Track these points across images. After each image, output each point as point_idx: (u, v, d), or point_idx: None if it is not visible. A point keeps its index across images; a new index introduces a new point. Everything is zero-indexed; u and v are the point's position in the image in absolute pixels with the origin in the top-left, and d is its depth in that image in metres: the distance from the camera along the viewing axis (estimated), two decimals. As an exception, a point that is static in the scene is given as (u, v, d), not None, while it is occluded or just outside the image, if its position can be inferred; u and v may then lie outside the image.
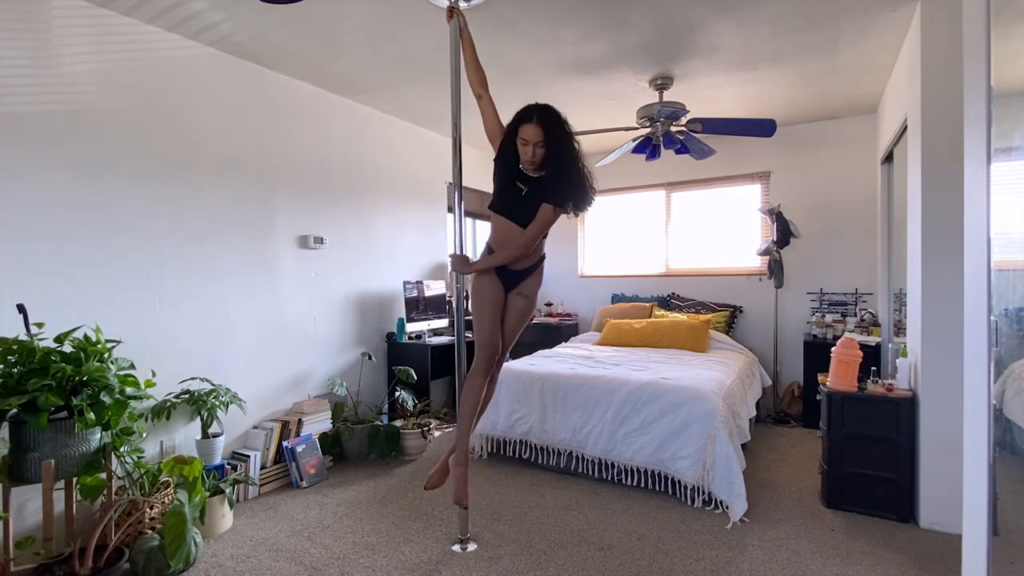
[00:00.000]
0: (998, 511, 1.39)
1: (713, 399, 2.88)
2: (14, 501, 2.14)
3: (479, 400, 2.26)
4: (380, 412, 3.88)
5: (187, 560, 2.19)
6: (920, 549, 2.37)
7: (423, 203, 4.66)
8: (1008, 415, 1.51)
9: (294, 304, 3.50)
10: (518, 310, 2.27)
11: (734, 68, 3.36)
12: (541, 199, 2.08)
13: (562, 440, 3.23)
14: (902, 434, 2.62)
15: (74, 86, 2.45)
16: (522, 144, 2.04)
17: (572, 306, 5.81)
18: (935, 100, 2.53)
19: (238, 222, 3.15)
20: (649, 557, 2.32)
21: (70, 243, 2.43)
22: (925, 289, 2.56)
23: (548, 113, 2.06)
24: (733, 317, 4.81)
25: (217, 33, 2.82)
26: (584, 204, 2.13)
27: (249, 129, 3.21)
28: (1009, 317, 1.48)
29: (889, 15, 2.71)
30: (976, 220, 1.34)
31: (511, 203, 2.14)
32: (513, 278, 2.24)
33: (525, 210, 2.12)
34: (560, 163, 2.06)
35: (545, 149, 2.04)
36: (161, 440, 2.78)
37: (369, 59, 3.18)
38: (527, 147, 2.03)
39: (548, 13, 2.66)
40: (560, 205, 2.09)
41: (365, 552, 2.38)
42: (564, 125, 2.08)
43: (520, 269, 2.23)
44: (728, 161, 4.83)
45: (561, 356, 4.00)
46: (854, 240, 4.42)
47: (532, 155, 2.04)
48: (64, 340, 2.10)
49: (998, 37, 1.34)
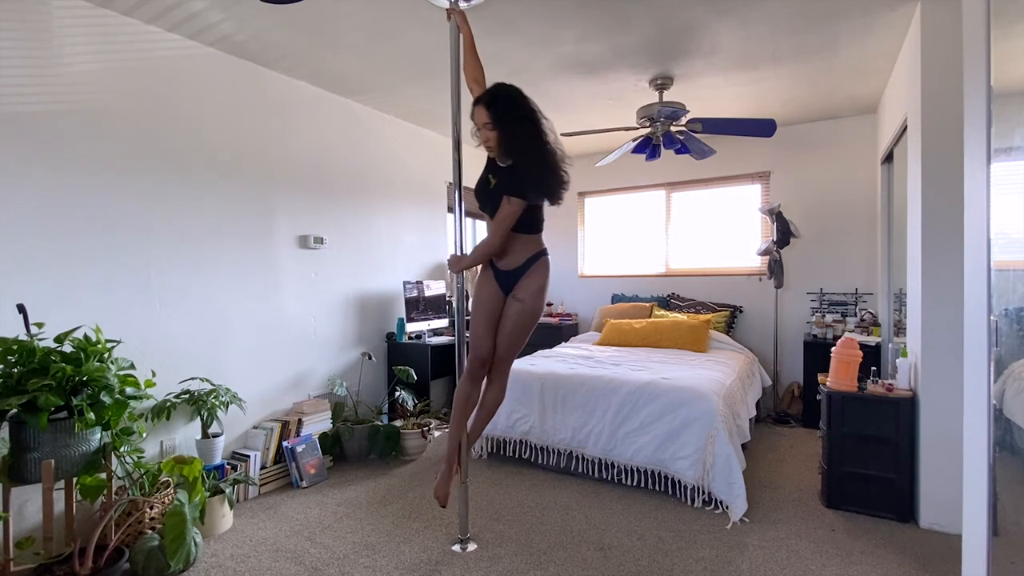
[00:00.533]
0: (998, 511, 1.39)
1: (713, 399, 2.88)
2: (14, 501, 2.14)
3: (467, 405, 2.22)
4: (380, 412, 3.88)
5: (187, 560, 2.19)
6: (920, 549, 2.37)
7: (423, 203, 4.66)
8: (1008, 415, 1.51)
9: (294, 304, 3.50)
10: (512, 315, 2.14)
11: (734, 68, 3.36)
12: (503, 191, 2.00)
13: (562, 440, 3.23)
14: (902, 434, 2.62)
15: (74, 86, 2.45)
16: (478, 129, 2.00)
17: (572, 306, 5.81)
18: (935, 100, 2.53)
19: (238, 222, 3.15)
20: (649, 557, 2.32)
21: (70, 243, 2.43)
22: (925, 289, 2.57)
23: (497, 93, 1.96)
24: (733, 317, 4.81)
25: (217, 33, 2.82)
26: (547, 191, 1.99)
27: (249, 129, 3.21)
28: (1009, 317, 1.48)
29: (889, 15, 2.71)
30: (976, 220, 1.34)
31: (483, 197, 2.11)
32: (508, 280, 2.15)
33: (492, 203, 2.06)
34: (516, 148, 1.95)
35: (496, 132, 1.96)
36: (161, 440, 2.78)
37: (369, 59, 3.18)
38: (481, 133, 1.99)
39: (548, 13, 2.66)
40: (519, 195, 1.95)
41: (365, 552, 2.38)
42: (516, 105, 1.96)
43: (510, 269, 2.14)
44: (728, 161, 4.83)
45: (561, 356, 4.00)
46: (854, 240, 4.43)
47: (485, 139, 1.99)
48: (64, 340, 2.10)
49: (998, 37, 1.34)
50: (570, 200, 5.66)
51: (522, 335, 2.18)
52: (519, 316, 2.13)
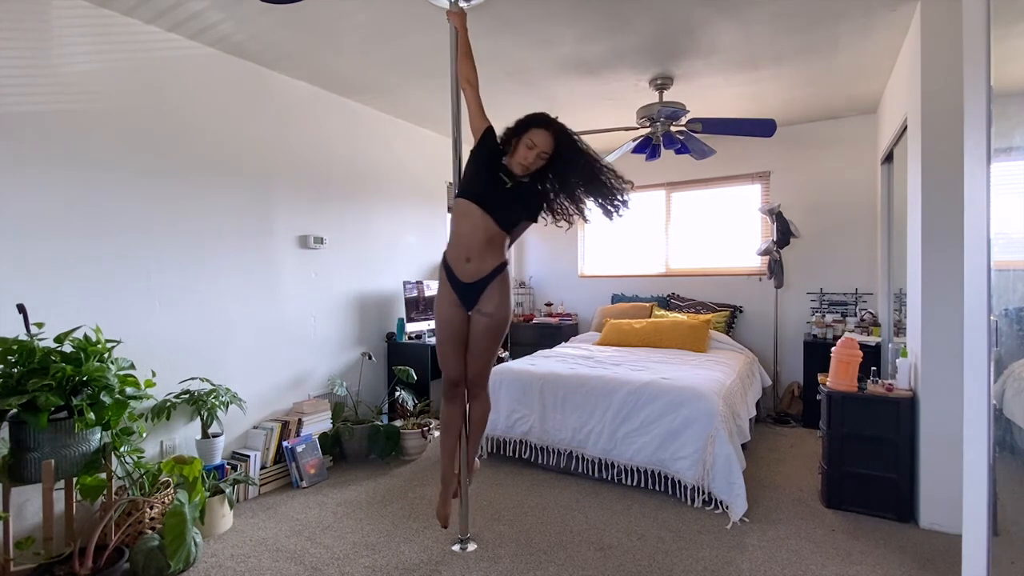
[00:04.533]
0: (998, 511, 1.39)
1: (713, 399, 2.88)
2: (14, 501, 2.14)
3: (451, 426, 2.19)
4: (380, 412, 3.88)
5: (187, 560, 2.19)
6: (920, 549, 2.37)
7: (423, 203, 4.66)
8: (1008, 415, 1.51)
9: (294, 304, 3.50)
10: (479, 332, 2.05)
11: (734, 68, 3.36)
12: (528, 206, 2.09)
13: (562, 440, 3.23)
14: (902, 434, 2.62)
15: (74, 86, 2.45)
16: (527, 147, 1.99)
17: (572, 306, 5.81)
18: (935, 100, 2.53)
19: (238, 222, 3.15)
20: (649, 557, 2.32)
21: (70, 243, 2.43)
22: (925, 289, 2.56)
23: (565, 131, 2.03)
24: (733, 317, 4.81)
25: (217, 33, 2.82)
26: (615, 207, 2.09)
27: (249, 129, 3.21)
28: (1009, 317, 1.48)
29: (889, 15, 2.71)
30: (976, 220, 1.34)
31: (487, 193, 2.03)
32: (469, 293, 2.04)
33: (504, 205, 2.02)
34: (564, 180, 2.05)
35: (545, 162, 2.01)
36: (161, 440, 2.78)
37: (369, 59, 3.18)
38: (531, 151, 1.98)
39: (548, 13, 2.66)
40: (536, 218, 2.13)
41: (365, 552, 2.38)
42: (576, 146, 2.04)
43: (472, 281, 2.02)
44: (728, 161, 4.83)
45: (561, 356, 4.00)
46: (854, 240, 4.42)
47: (531, 161, 1.99)
48: (64, 340, 2.10)
49: (998, 37, 1.34)
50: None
51: (493, 350, 2.12)
52: (489, 332, 2.06)
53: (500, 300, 2.05)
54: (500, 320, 2.06)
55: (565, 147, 2.01)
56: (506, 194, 2.03)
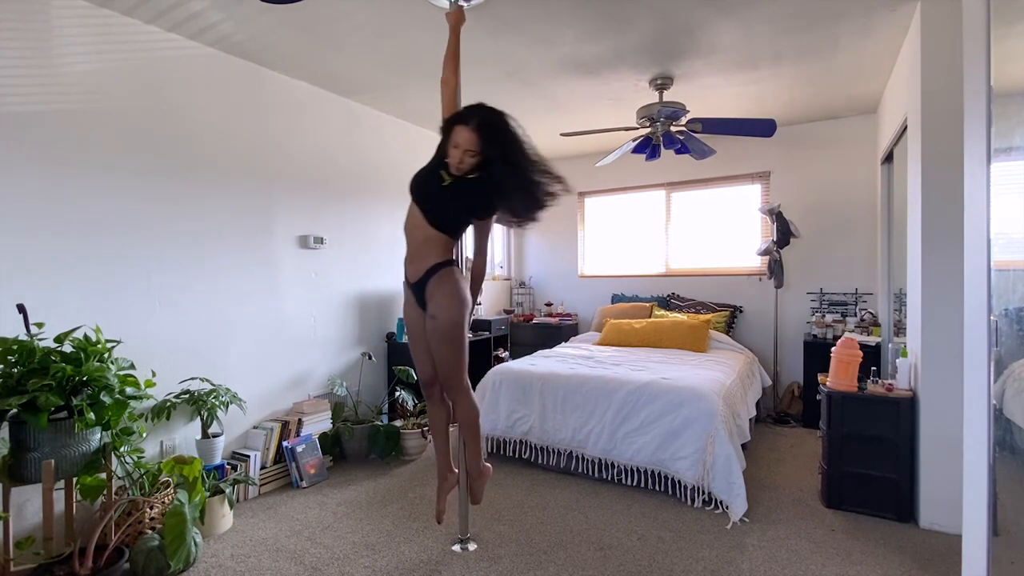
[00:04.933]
0: (998, 511, 1.39)
1: (713, 399, 2.88)
2: (14, 501, 2.14)
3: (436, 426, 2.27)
4: (380, 412, 3.88)
5: (187, 560, 2.19)
6: (920, 549, 2.37)
7: (423, 203, 4.65)
8: (1008, 415, 1.51)
9: (294, 304, 3.50)
10: (429, 334, 2.00)
11: (734, 68, 3.36)
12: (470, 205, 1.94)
13: (562, 440, 3.23)
14: (902, 434, 2.62)
15: (74, 86, 2.45)
16: (452, 146, 1.85)
17: (572, 306, 5.81)
18: (935, 100, 2.53)
19: (238, 222, 3.15)
20: (649, 557, 2.32)
21: (70, 243, 2.43)
22: (925, 289, 2.56)
23: (491, 122, 1.84)
24: (733, 317, 4.81)
25: (217, 33, 2.82)
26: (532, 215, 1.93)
27: (249, 129, 3.21)
28: (1009, 317, 1.48)
29: (889, 15, 2.71)
30: (976, 220, 1.34)
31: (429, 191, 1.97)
32: (418, 295, 2.01)
33: (440, 204, 1.94)
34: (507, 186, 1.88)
35: (476, 160, 1.85)
36: (161, 440, 2.78)
37: (369, 59, 3.18)
38: (456, 150, 1.84)
39: (548, 13, 2.66)
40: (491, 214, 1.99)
41: (365, 552, 2.38)
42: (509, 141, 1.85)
43: (414, 282, 2.00)
44: (728, 161, 4.83)
45: (561, 356, 4.00)
46: (854, 240, 4.42)
47: (459, 161, 1.85)
48: (64, 340, 2.10)
49: (998, 37, 1.34)
50: (570, 200, 5.66)
51: (452, 352, 1.99)
52: (437, 334, 1.98)
53: (442, 301, 1.95)
54: (445, 322, 1.94)
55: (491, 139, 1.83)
56: (442, 193, 1.94)
